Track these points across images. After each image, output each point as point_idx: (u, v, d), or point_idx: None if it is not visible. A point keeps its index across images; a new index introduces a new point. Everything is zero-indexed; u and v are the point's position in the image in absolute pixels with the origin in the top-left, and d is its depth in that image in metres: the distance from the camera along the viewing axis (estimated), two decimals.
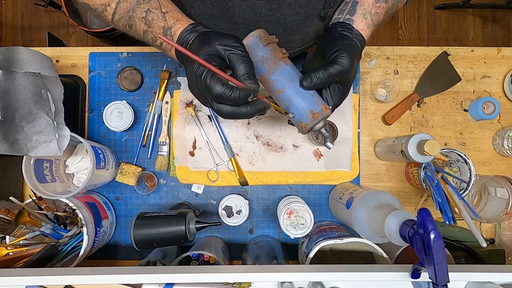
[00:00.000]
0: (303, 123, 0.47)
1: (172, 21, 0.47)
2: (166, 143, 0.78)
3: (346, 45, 0.48)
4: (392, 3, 0.54)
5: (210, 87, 0.41)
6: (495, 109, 0.75)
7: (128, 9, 0.48)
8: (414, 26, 1.79)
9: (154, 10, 0.48)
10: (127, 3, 0.48)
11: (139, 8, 0.48)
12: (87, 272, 0.51)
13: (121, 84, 0.78)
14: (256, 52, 0.48)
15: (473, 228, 0.65)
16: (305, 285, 0.52)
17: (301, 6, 0.51)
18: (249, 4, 0.49)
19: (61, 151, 0.59)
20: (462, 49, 0.81)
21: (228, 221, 0.71)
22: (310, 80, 0.46)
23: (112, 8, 0.49)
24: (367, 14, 0.51)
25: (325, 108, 0.47)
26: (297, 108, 0.47)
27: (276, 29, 0.54)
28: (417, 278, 0.47)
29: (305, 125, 0.47)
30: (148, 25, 0.48)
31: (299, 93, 0.47)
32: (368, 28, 0.51)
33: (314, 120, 0.46)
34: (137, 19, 0.49)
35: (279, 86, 0.47)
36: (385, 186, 0.80)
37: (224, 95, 0.41)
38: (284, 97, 0.47)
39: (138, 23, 0.49)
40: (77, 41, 1.79)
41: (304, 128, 0.47)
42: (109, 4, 0.49)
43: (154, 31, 0.48)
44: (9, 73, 0.55)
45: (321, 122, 0.48)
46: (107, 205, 0.77)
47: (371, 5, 0.51)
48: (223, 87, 0.41)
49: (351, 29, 0.50)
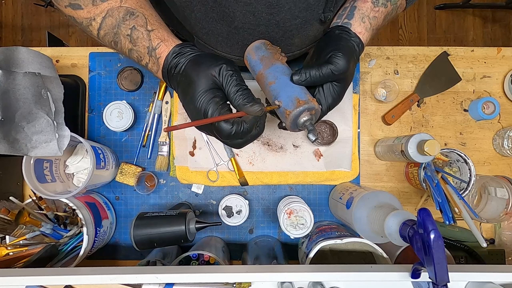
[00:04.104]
0: (287, 110, 0.45)
1: (157, 42, 0.46)
2: (166, 143, 0.78)
3: (342, 45, 0.48)
4: (391, 8, 0.54)
5: (219, 130, 0.42)
6: (495, 109, 0.75)
7: (114, 25, 0.47)
8: (414, 26, 1.79)
9: (139, 28, 0.46)
10: (113, 19, 0.46)
11: (124, 25, 0.46)
12: (87, 272, 0.51)
13: (121, 84, 0.78)
14: (257, 52, 0.50)
15: (473, 228, 0.65)
16: (305, 285, 0.52)
17: (301, 10, 0.51)
18: (250, 9, 0.49)
19: (61, 151, 0.59)
20: (462, 49, 0.81)
21: (228, 221, 0.71)
22: (300, 75, 0.46)
23: (97, 23, 0.47)
24: (365, 18, 0.51)
25: (312, 99, 0.46)
26: (284, 96, 0.46)
27: (276, 33, 0.54)
28: (417, 278, 0.47)
29: (289, 111, 0.45)
30: (133, 43, 0.47)
31: (288, 84, 0.47)
32: (366, 31, 0.51)
33: (299, 106, 0.44)
34: (122, 36, 0.47)
35: (271, 78, 0.47)
36: (385, 186, 0.80)
37: (236, 133, 0.41)
38: (274, 87, 0.47)
39: (123, 41, 0.47)
40: (77, 41, 1.79)
41: (288, 116, 0.45)
42: (94, 18, 0.47)
43: (139, 51, 0.47)
44: (9, 73, 0.55)
45: (306, 114, 0.45)
46: (107, 205, 0.77)
47: (369, 9, 0.52)
48: (233, 127, 0.41)
49: (348, 32, 0.50)
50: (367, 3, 0.52)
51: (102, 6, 0.46)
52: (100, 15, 0.47)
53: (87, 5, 0.46)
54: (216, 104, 0.42)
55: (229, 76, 0.42)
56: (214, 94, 0.42)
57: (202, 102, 0.42)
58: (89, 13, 0.47)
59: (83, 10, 0.47)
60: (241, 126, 0.41)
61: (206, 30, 0.55)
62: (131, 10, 0.46)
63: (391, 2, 0.53)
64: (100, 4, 0.46)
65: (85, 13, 0.47)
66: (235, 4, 0.48)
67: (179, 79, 0.45)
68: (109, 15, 0.46)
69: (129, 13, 0.46)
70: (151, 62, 0.47)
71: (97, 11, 0.46)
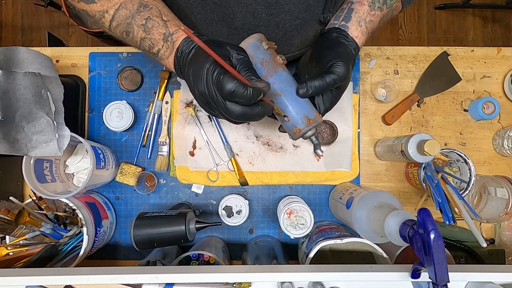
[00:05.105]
0: (297, 127, 0.48)
1: (174, 28, 0.47)
2: (166, 143, 0.78)
3: (342, 53, 0.49)
4: (387, 11, 0.54)
5: (223, 83, 0.40)
6: (495, 109, 0.75)
7: (127, 16, 0.48)
8: (414, 26, 1.79)
9: (154, 18, 0.47)
10: (127, 10, 0.48)
11: (139, 16, 0.48)
12: (87, 272, 0.51)
13: (121, 84, 0.78)
14: (256, 54, 0.49)
15: (473, 228, 0.65)
16: (305, 285, 0.52)
17: (301, 11, 0.51)
18: (250, 10, 0.49)
19: (61, 151, 0.59)
20: (462, 49, 0.81)
21: (228, 221, 0.71)
22: (307, 90, 0.47)
23: (110, 15, 0.48)
24: (361, 22, 0.52)
25: (318, 115, 0.49)
26: (293, 113, 0.48)
27: (276, 34, 0.54)
28: (417, 278, 0.47)
29: (299, 129, 0.48)
30: (147, 32, 0.48)
31: (295, 99, 0.48)
32: (362, 35, 0.52)
33: (309, 125, 0.48)
34: (135, 26, 0.48)
35: (276, 89, 0.48)
36: (385, 186, 0.80)
37: (238, 91, 0.40)
38: (280, 101, 0.48)
39: (136, 30, 0.48)
40: (77, 41, 1.79)
41: (297, 133, 0.49)
42: (108, 11, 0.48)
43: (153, 38, 0.48)
44: (9, 73, 0.55)
45: (313, 130, 0.49)
46: (107, 205, 0.77)
47: (366, 12, 0.52)
48: (237, 84, 0.40)
49: (346, 36, 0.50)
50: (364, 6, 0.52)
51: None
52: (113, 7, 0.48)
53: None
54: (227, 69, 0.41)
55: (241, 59, 0.43)
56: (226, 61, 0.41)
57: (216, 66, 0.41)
58: (102, 6, 0.48)
59: (96, 4, 0.48)
60: (244, 88, 0.41)
61: (206, 31, 0.55)
62: (145, 3, 0.48)
63: (387, 5, 0.53)
64: None
65: (98, 7, 0.48)
66: (235, 5, 0.48)
67: (192, 57, 0.46)
68: (123, 7, 0.48)
69: (142, 5, 0.48)
70: (164, 48, 0.48)
71: (110, 4, 0.48)
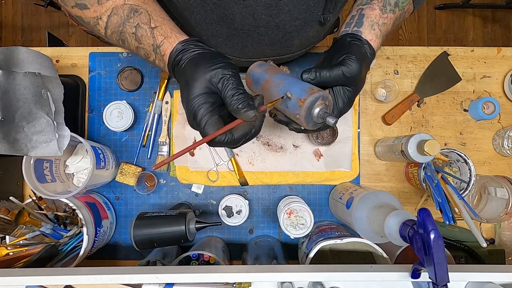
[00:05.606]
0: (301, 98, 0.44)
1: (160, 39, 0.46)
2: (166, 143, 0.78)
3: (355, 50, 0.48)
4: (399, 13, 0.53)
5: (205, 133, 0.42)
6: (495, 109, 0.75)
7: (119, 23, 0.47)
8: (414, 26, 1.79)
9: (143, 26, 0.46)
10: (118, 17, 0.47)
11: (128, 23, 0.47)
12: (87, 272, 0.51)
13: (121, 84, 0.78)
14: (261, 67, 0.52)
15: (473, 228, 0.65)
16: (305, 285, 0.52)
17: (301, 12, 0.51)
18: (249, 11, 0.49)
19: (61, 151, 0.59)
20: (462, 49, 0.81)
21: (228, 221, 0.71)
22: (310, 73, 0.46)
23: (103, 22, 0.48)
24: (374, 25, 0.51)
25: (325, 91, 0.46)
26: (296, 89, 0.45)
27: (276, 35, 0.54)
28: (417, 278, 0.47)
29: (304, 99, 0.44)
30: (138, 41, 0.47)
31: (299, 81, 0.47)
32: (377, 38, 0.51)
33: (313, 93, 0.44)
34: (127, 34, 0.47)
35: (279, 80, 0.48)
36: (385, 186, 0.80)
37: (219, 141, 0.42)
38: (283, 85, 0.47)
39: (129, 39, 0.48)
40: (77, 41, 1.79)
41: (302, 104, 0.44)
42: (101, 17, 0.47)
43: (145, 48, 0.48)
44: (9, 73, 0.55)
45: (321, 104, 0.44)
46: (107, 205, 0.77)
47: (378, 16, 0.51)
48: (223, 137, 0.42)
49: (360, 39, 0.50)
50: (375, 10, 0.51)
51: (107, 4, 0.46)
52: (106, 13, 0.47)
53: (92, 4, 0.47)
54: (205, 110, 0.42)
55: (225, 79, 0.42)
56: (206, 99, 0.42)
57: (194, 105, 0.42)
58: (95, 12, 0.47)
59: (89, 9, 0.47)
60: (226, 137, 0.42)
61: (206, 32, 0.55)
62: (135, 7, 0.47)
63: (399, 7, 0.53)
64: (105, 3, 0.46)
65: (91, 13, 0.48)
66: (234, 6, 0.48)
67: (180, 76, 0.46)
68: (114, 13, 0.47)
69: (132, 10, 0.47)
70: (157, 59, 0.48)
71: (103, 9, 0.47)
